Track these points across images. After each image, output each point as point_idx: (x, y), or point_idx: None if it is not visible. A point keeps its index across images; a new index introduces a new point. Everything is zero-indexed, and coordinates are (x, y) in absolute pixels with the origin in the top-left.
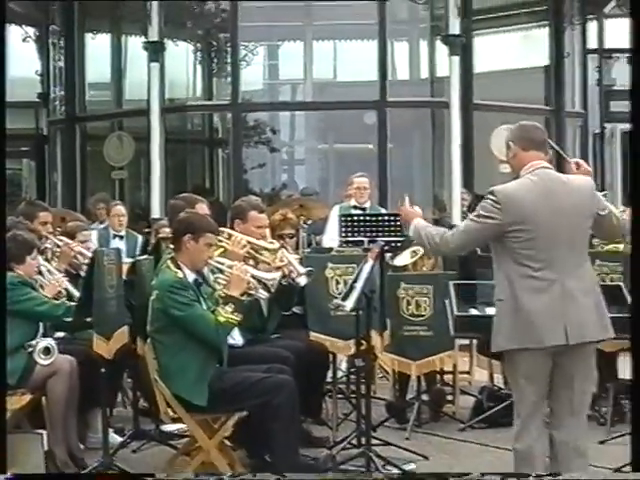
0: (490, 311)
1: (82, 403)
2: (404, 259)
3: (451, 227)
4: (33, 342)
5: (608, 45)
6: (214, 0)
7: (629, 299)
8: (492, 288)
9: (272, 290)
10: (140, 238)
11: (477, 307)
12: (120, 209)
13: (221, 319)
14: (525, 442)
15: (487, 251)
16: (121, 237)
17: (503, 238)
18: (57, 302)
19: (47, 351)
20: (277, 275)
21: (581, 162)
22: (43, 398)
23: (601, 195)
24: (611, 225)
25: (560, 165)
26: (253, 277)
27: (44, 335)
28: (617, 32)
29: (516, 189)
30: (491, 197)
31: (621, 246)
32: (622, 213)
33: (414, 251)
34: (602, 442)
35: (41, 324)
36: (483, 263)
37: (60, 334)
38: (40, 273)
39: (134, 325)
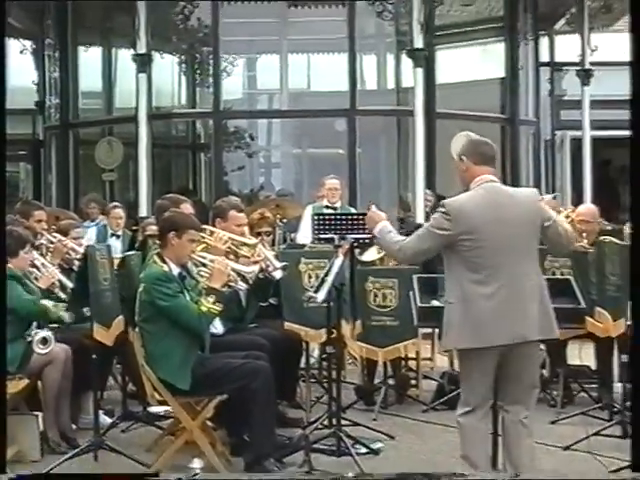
0: None
1: (75, 387)
2: (371, 255)
3: (416, 227)
4: (32, 332)
5: (558, 59)
6: (197, 9)
7: (577, 292)
8: None
9: (250, 282)
10: (128, 235)
11: (438, 299)
12: (119, 212)
13: (204, 309)
14: (469, 420)
15: None
16: (118, 236)
17: (454, 246)
18: (33, 299)
19: (45, 341)
20: (255, 268)
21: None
22: (39, 382)
23: (552, 196)
24: (556, 234)
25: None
26: (233, 270)
27: (39, 326)
28: (567, 47)
29: (465, 202)
30: (442, 210)
31: (585, 242)
32: (571, 213)
33: (380, 248)
34: (553, 422)
35: None
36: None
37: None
38: (35, 266)
39: (124, 315)
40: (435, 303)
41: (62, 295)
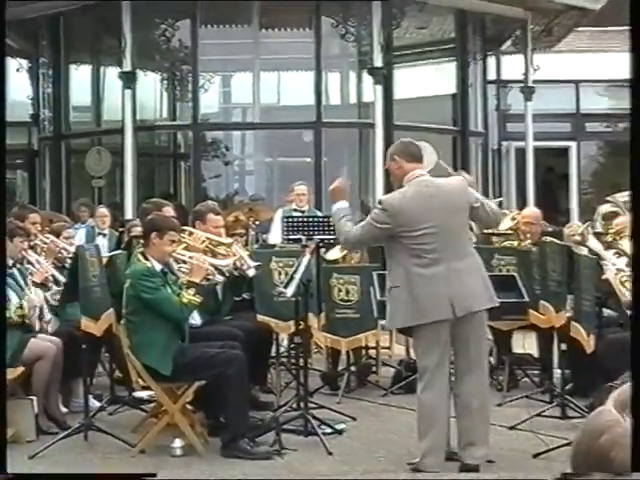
0: None
1: (67, 374)
2: (335, 254)
3: None
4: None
5: (504, 77)
6: (178, 31)
7: (522, 287)
8: None
9: (226, 275)
10: (115, 235)
11: None
12: (103, 211)
13: (185, 300)
14: (428, 397)
15: None
16: (104, 235)
17: (395, 237)
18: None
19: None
20: (230, 261)
21: (463, 173)
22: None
23: (497, 201)
24: (485, 213)
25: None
26: (210, 265)
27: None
28: (511, 66)
29: (400, 197)
30: (379, 206)
31: (515, 243)
32: (517, 215)
33: (340, 247)
34: (499, 405)
35: None
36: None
37: (48, 316)
38: (30, 263)
39: (114, 307)
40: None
41: (55, 288)
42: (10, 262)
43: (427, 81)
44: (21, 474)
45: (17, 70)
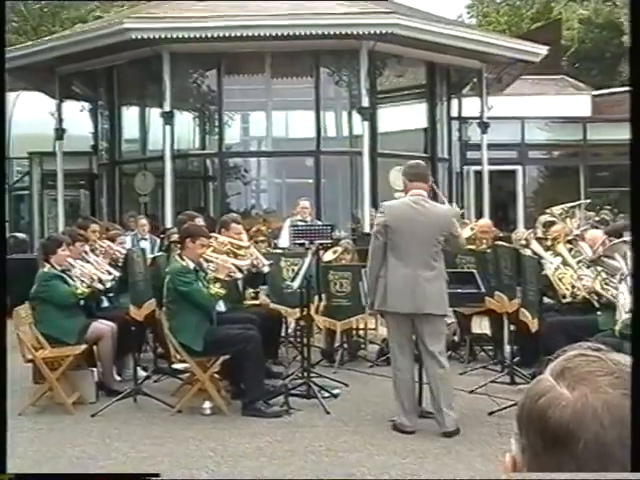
0: None
1: (119, 350)
2: (329, 256)
3: (364, 234)
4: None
5: (465, 114)
6: (207, 79)
7: (479, 281)
8: None
9: (245, 272)
10: (158, 240)
11: None
12: (143, 222)
13: (212, 292)
14: (397, 368)
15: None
16: (145, 239)
17: (387, 235)
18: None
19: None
20: (248, 261)
21: (455, 206)
22: (94, 347)
23: (459, 212)
24: (456, 244)
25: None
26: (232, 264)
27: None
28: (470, 106)
29: (394, 204)
30: (380, 209)
31: (474, 246)
32: (475, 225)
33: (334, 250)
34: (461, 374)
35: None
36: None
37: (106, 304)
38: (88, 262)
39: (156, 298)
40: None
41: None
42: (72, 261)
43: (404, 118)
44: (21, 474)
45: (80, 110)
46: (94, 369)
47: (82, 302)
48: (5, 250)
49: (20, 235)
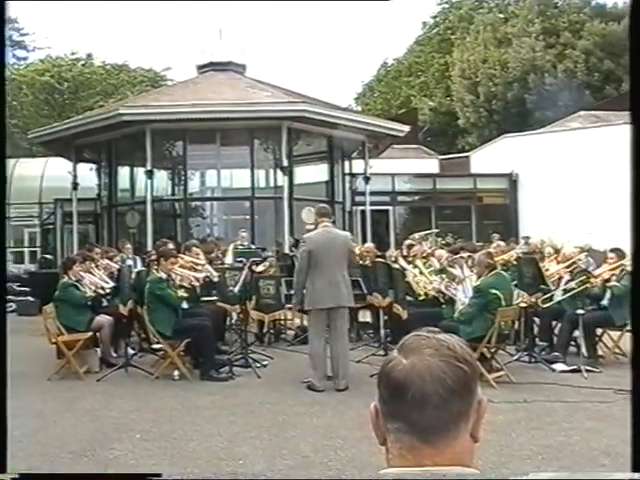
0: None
1: (115, 336)
2: (260, 269)
3: (284, 255)
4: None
5: (354, 171)
6: (175, 148)
7: (363, 286)
8: None
9: (201, 281)
10: (139, 260)
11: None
12: (128, 246)
13: (178, 295)
14: (312, 350)
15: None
16: (130, 258)
17: (310, 255)
18: (81, 295)
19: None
20: (203, 274)
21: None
22: (97, 334)
23: (351, 237)
24: (352, 259)
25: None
26: (192, 276)
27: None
28: (358, 165)
29: (312, 235)
30: (302, 240)
31: (360, 262)
32: (361, 247)
33: (264, 265)
34: (352, 349)
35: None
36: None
37: (105, 304)
38: (94, 275)
39: (139, 299)
40: (291, 292)
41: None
42: (83, 274)
43: (312, 174)
44: (22, 474)
45: (89, 170)
46: (97, 349)
47: (89, 303)
48: (5, 254)
49: (48, 256)
